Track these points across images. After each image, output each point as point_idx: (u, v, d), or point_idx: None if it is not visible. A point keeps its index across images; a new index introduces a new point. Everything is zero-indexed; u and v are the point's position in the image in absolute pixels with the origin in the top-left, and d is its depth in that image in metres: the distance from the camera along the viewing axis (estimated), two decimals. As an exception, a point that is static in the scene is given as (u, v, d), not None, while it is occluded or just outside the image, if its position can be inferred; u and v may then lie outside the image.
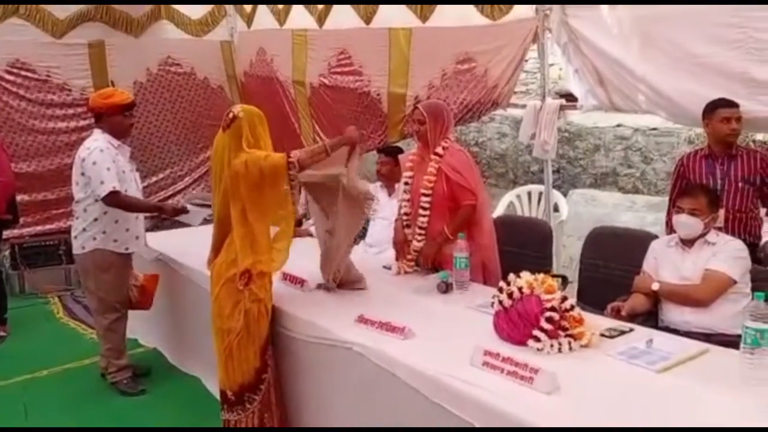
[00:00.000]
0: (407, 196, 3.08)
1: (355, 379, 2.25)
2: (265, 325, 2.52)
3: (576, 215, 5.08)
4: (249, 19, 6.08)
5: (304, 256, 3.31)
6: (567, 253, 4.75)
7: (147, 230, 3.74)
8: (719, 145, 3.03)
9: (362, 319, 2.35)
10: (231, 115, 2.60)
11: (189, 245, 3.73)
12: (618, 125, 5.52)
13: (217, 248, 2.65)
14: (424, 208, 2.95)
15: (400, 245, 3.12)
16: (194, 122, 6.29)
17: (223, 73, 6.41)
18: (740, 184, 2.98)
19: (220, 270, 2.55)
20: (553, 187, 5.41)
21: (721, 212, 2.70)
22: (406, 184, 3.10)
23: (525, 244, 3.41)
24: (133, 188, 3.38)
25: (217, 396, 3.05)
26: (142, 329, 4.04)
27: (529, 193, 5.37)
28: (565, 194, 5.47)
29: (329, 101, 5.38)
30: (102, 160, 3.20)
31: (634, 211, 4.87)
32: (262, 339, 2.51)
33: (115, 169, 3.23)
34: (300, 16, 5.42)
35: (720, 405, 1.71)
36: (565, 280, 3.25)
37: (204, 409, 3.12)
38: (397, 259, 3.15)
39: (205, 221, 3.45)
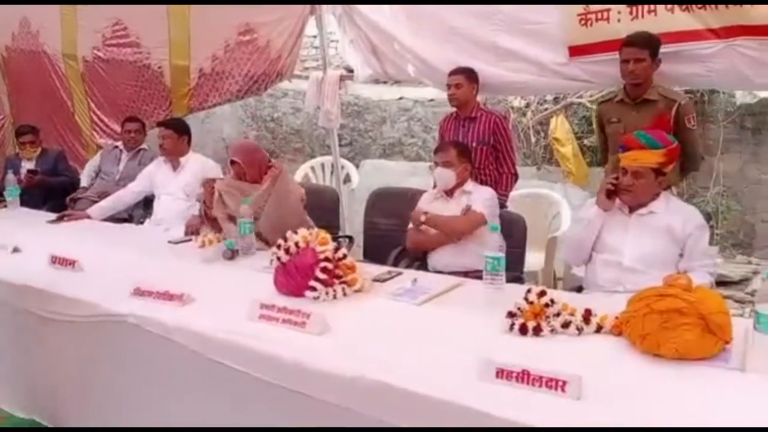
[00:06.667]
0: None
1: (130, 353, 2.16)
2: None
3: (367, 184, 5.33)
4: (8, -13, 5.42)
5: (76, 238, 3.14)
6: (360, 219, 4.97)
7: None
8: (454, 108, 3.40)
9: (138, 291, 2.26)
10: None
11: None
12: (400, 98, 5.89)
13: None
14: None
15: (196, 228, 3.18)
16: (-53, 105, 5.51)
17: (-20, 49, 5.67)
18: (475, 144, 3.32)
19: None
20: (347, 158, 5.65)
21: None
22: None
23: (313, 210, 3.52)
24: None
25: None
26: None
27: (323, 165, 5.53)
28: (357, 165, 5.72)
29: (105, 76, 5.01)
30: None
31: (418, 176, 5.24)
32: None
33: None
34: (67, -18, 4.97)
35: (468, 322, 1.96)
36: (351, 240, 3.45)
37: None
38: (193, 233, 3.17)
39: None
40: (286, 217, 2.95)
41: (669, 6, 2.92)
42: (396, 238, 3.11)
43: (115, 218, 3.77)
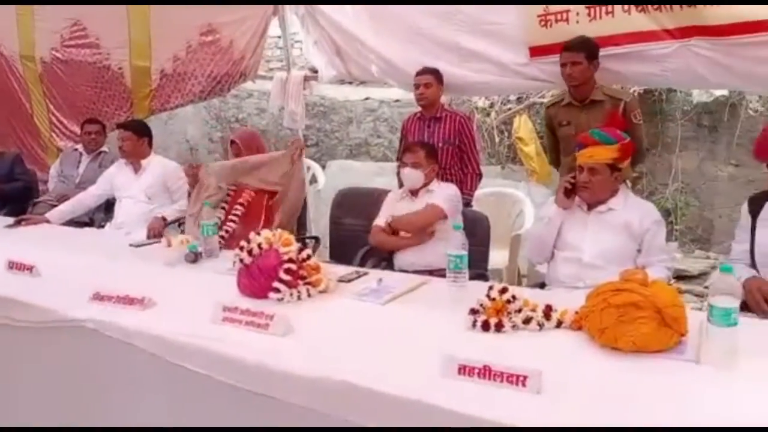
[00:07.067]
0: (224, 206, 3.25)
1: (89, 358, 2.11)
2: None
3: (333, 185, 5.31)
4: (-41, -12, 5.26)
5: (34, 243, 3.07)
6: (326, 220, 4.96)
7: None
8: (422, 108, 3.43)
9: (98, 296, 2.22)
10: None
11: None
12: (366, 98, 5.90)
13: None
14: (236, 215, 3.18)
15: (158, 231, 3.29)
16: None
17: (-67, 51, 5.48)
18: (440, 144, 3.36)
19: None
20: (313, 159, 5.63)
21: None
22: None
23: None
24: None
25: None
26: None
27: (289, 166, 5.48)
28: (324, 166, 5.71)
29: (64, 78, 4.91)
30: None
31: (384, 176, 5.25)
32: None
33: None
34: (23, -18, 4.85)
35: (432, 320, 1.97)
36: (317, 241, 3.44)
37: None
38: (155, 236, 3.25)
39: None
40: (299, 199, 3.29)
41: (626, 7, 2.99)
42: (362, 237, 3.11)
43: (76, 222, 3.71)
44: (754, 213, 2.25)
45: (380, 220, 2.96)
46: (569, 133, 3.05)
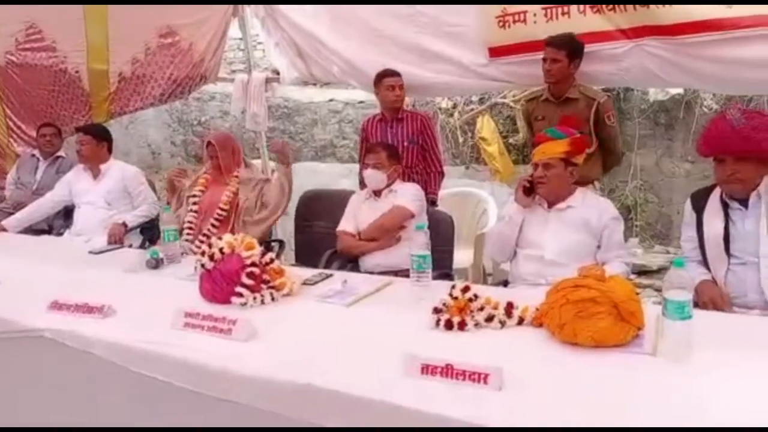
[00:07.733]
0: (195, 207, 3.27)
1: (48, 368, 2.07)
2: None
3: (300, 187, 5.28)
4: None
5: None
6: (292, 223, 4.94)
7: None
8: (388, 110, 3.44)
9: (56, 305, 2.17)
10: None
11: None
12: (331, 100, 5.88)
13: None
14: (217, 220, 3.20)
15: (119, 237, 3.29)
16: None
17: None
18: (405, 144, 3.39)
19: None
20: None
21: None
22: (194, 195, 3.31)
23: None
24: None
25: None
26: None
27: (253, 169, 5.45)
28: (289, 168, 5.67)
29: (20, 81, 4.77)
30: None
31: (351, 178, 5.25)
32: None
33: None
34: (-26, -15, 4.72)
35: (396, 321, 1.97)
36: (282, 244, 3.43)
37: None
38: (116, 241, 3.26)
39: None
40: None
41: (581, 8, 3.05)
42: (328, 240, 3.11)
43: (34, 229, 3.62)
44: (699, 209, 2.27)
45: (345, 224, 2.96)
46: (543, 129, 3.08)
